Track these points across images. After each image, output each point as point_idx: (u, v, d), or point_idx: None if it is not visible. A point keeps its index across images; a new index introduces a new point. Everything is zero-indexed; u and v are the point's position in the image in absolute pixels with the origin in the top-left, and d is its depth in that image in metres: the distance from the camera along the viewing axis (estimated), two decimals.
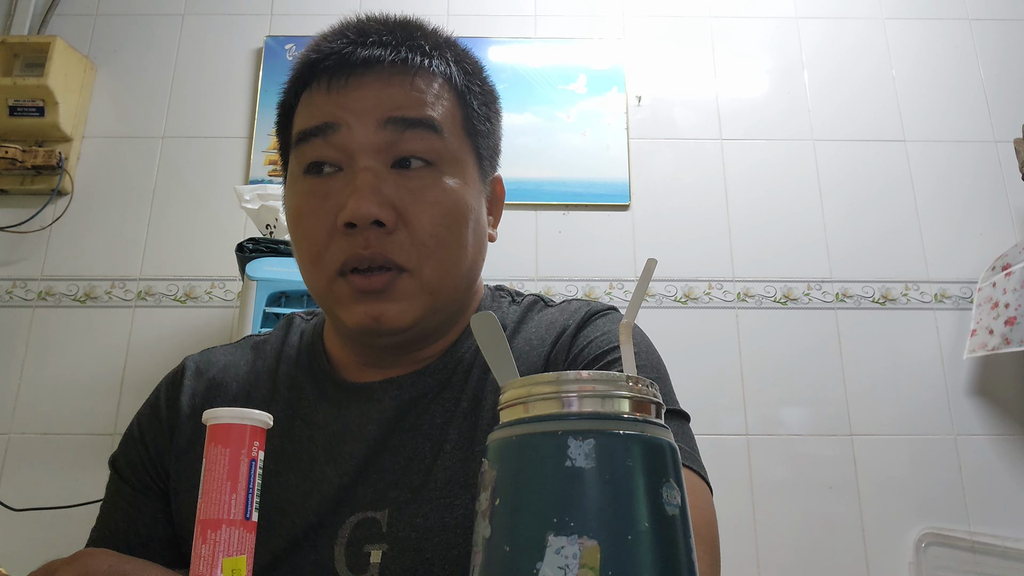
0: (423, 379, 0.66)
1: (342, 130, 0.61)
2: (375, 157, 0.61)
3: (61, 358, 1.72)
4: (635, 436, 0.31)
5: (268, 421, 0.43)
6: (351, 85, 0.62)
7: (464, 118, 0.67)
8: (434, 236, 0.62)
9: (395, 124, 0.61)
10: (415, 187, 0.62)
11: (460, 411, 0.64)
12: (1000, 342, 1.54)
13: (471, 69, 0.69)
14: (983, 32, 1.99)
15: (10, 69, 1.84)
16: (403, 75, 0.63)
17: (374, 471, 0.62)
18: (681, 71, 1.97)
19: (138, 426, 0.70)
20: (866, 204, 1.85)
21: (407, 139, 0.62)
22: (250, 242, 1.45)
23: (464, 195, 0.64)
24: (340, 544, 0.59)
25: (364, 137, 0.61)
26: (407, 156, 0.62)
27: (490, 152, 0.71)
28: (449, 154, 0.64)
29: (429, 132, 0.62)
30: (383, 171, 0.61)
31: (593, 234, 1.82)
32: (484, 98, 0.69)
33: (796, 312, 1.77)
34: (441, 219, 0.62)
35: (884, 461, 1.66)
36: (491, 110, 0.71)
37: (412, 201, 0.61)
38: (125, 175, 1.86)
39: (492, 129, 0.71)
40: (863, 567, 1.59)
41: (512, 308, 0.73)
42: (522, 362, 0.67)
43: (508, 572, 0.30)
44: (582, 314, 0.69)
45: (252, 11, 2.00)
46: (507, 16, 1.96)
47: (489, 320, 0.37)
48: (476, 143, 0.68)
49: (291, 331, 0.75)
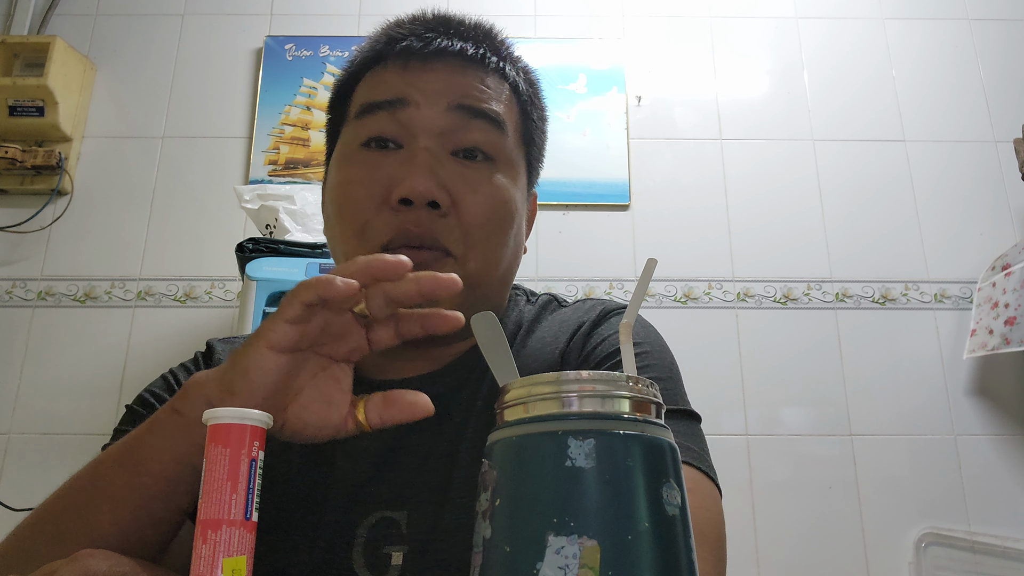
0: (442, 378, 0.66)
1: (409, 107, 0.61)
2: (437, 139, 0.62)
3: (61, 358, 1.72)
4: (635, 436, 0.31)
5: (268, 421, 0.43)
6: (428, 67, 0.63)
7: (523, 126, 0.68)
8: (482, 227, 0.62)
9: (462, 111, 0.62)
10: (471, 177, 0.62)
11: (476, 410, 0.64)
12: (1000, 342, 1.54)
13: (534, 89, 0.70)
14: (983, 32, 1.99)
15: (10, 69, 1.84)
16: (477, 68, 0.64)
17: (390, 469, 0.62)
18: (681, 71, 1.97)
19: (174, 378, 0.71)
20: (866, 204, 1.85)
21: (471, 128, 0.62)
22: (250, 242, 1.45)
23: (514, 196, 0.65)
24: (358, 544, 0.58)
25: (430, 118, 0.61)
26: (470, 147, 0.62)
27: (536, 165, 0.72)
28: (507, 154, 0.65)
29: (493, 126, 0.63)
30: (442, 155, 0.62)
31: (593, 234, 1.82)
32: (541, 113, 0.71)
33: (796, 312, 1.77)
34: (492, 212, 0.62)
35: (884, 461, 1.66)
36: (544, 127, 0.72)
37: (466, 190, 0.61)
38: (125, 175, 1.87)
39: (542, 145, 0.72)
40: (863, 567, 1.59)
41: (527, 307, 0.73)
42: (536, 360, 0.66)
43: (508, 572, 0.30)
44: (597, 312, 0.69)
45: (252, 11, 2.00)
46: (507, 16, 1.96)
47: (489, 320, 0.37)
48: (529, 153, 0.69)
49: None
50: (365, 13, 1.99)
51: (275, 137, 1.89)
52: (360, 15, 1.99)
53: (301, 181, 1.84)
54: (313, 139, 1.89)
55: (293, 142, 1.89)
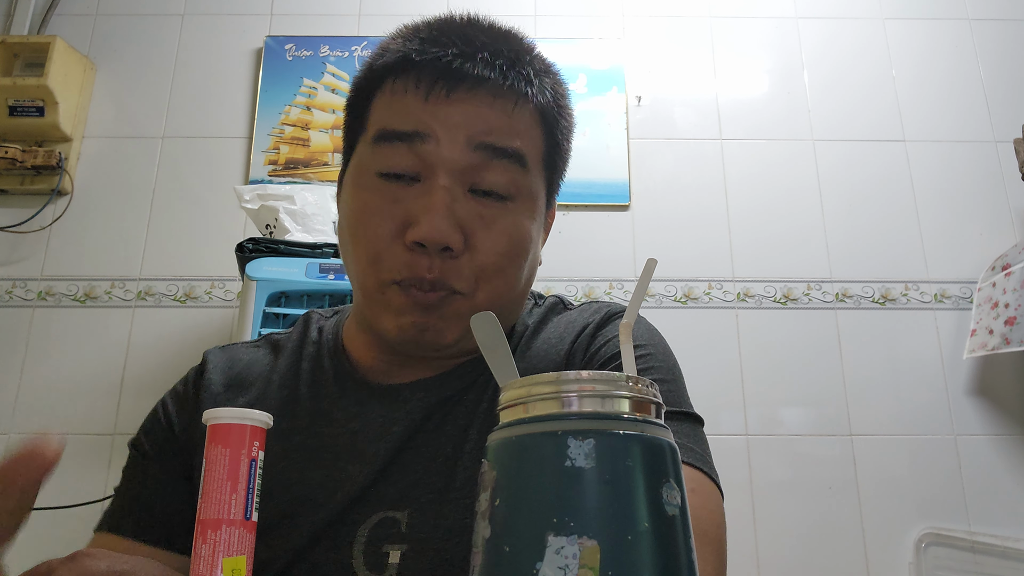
0: (450, 381, 0.66)
1: (430, 142, 0.60)
2: (456, 177, 0.60)
3: (61, 358, 1.72)
4: (635, 436, 0.31)
5: (268, 421, 0.43)
6: (451, 99, 0.60)
7: (547, 152, 0.66)
8: (495, 265, 0.61)
9: (484, 149, 0.60)
10: (488, 215, 0.61)
11: (481, 412, 0.64)
12: (1000, 342, 1.54)
13: (563, 102, 0.68)
14: (983, 32, 1.99)
15: (10, 69, 1.84)
16: (505, 100, 0.61)
17: (397, 470, 0.62)
18: (681, 71, 1.97)
19: (163, 411, 0.70)
20: (866, 204, 1.85)
21: (492, 168, 0.61)
22: (250, 242, 1.45)
23: (530, 230, 0.64)
24: (359, 543, 0.59)
25: (450, 154, 0.59)
26: (489, 189, 0.61)
27: (558, 184, 0.71)
28: (527, 189, 0.63)
29: (514, 164, 0.61)
30: (459, 193, 0.60)
31: (593, 234, 1.82)
32: (567, 132, 0.69)
33: (796, 312, 1.77)
34: (505, 251, 0.61)
35: (884, 461, 1.66)
36: (569, 143, 0.70)
37: (482, 228, 0.60)
38: (125, 175, 1.87)
39: (566, 162, 0.71)
40: (863, 567, 1.59)
41: (535, 310, 0.73)
42: (542, 361, 0.67)
43: (508, 572, 0.30)
44: (602, 314, 0.70)
45: (252, 11, 2.00)
46: (507, 16, 1.95)
47: (489, 320, 0.37)
48: (551, 177, 0.68)
49: (310, 329, 0.74)
50: (365, 13, 1.99)
51: (275, 137, 1.89)
52: (360, 15, 1.99)
53: (301, 181, 1.84)
54: (313, 139, 1.89)
55: (293, 142, 1.89)
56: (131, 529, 0.64)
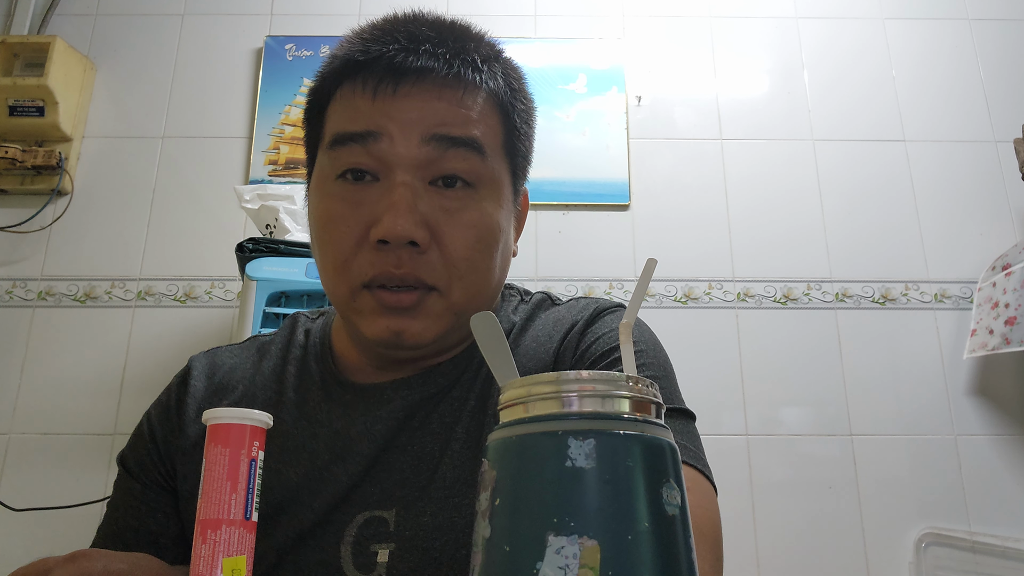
0: (434, 379, 0.66)
1: (383, 140, 0.59)
2: (414, 172, 0.60)
3: (61, 358, 1.72)
4: (635, 436, 0.31)
5: (268, 421, 0.43)
6: (399, 94, 0.60)
7: (505, 137, 0.65)
8: (466, 259, 0.61)
9: (439, 141, 0.60)
10: (452, 207, 0.60)
11: (468, 409, 0.64)
12: (1000, 342, 1.54)
13: (517, 85, 0.67)
14: (983, 32, 1.99)
15: (10, 69, 1.84)
16: (453, 89, 0.61)
17: (382, 469, 0.62)
18: (681, 71, 1.97)
19: (148, 424, 0.70)
20: (866, 204, 1.85)
21: (449, 158, 0.60)
22: (250, 242, 1.45)
23: (498, 218, 0.63)
24: (347, 543, 0.59)
25: (405, 151, 0.59)
26: (449, 175, 0.60)
27: (523, 169, 0.70)
28: (488, 176, 0.62)
29: (472, 152, 0.61)
30: (420, 187, 0.60)
31: (593, 234, 1.82)
32: (525, 116, 0.68)
33: (796, 312, 1.77)
34: (475, 242, 0.61)
35: (884, 461, 1.66)
36: (530, 127, 0.69)
37: (447, 221, 0.60)
38: (125, 175, 1.86)
39: (528, 147, 0.70)
40: (863, 567, 1.59)
41: (521, 307, 0.73)
42: (530, 359, 0.66)
43: (508, 572, 0.30)
44: (591, 311, 0.69)
45: (252, 11, 2.00)
46: (507, 16, 1.96)
47: (489, 320, 0.37)
48: (513, 162, 0.67)
49: (296, 331, 0.74)
50: (365, 13, 1.99)
51: (275, 137, 1.89)
52: (360, 15, 1.99)
53: (301, 181, 1.84)
54: None
55: (293, 142, 1.89)
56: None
